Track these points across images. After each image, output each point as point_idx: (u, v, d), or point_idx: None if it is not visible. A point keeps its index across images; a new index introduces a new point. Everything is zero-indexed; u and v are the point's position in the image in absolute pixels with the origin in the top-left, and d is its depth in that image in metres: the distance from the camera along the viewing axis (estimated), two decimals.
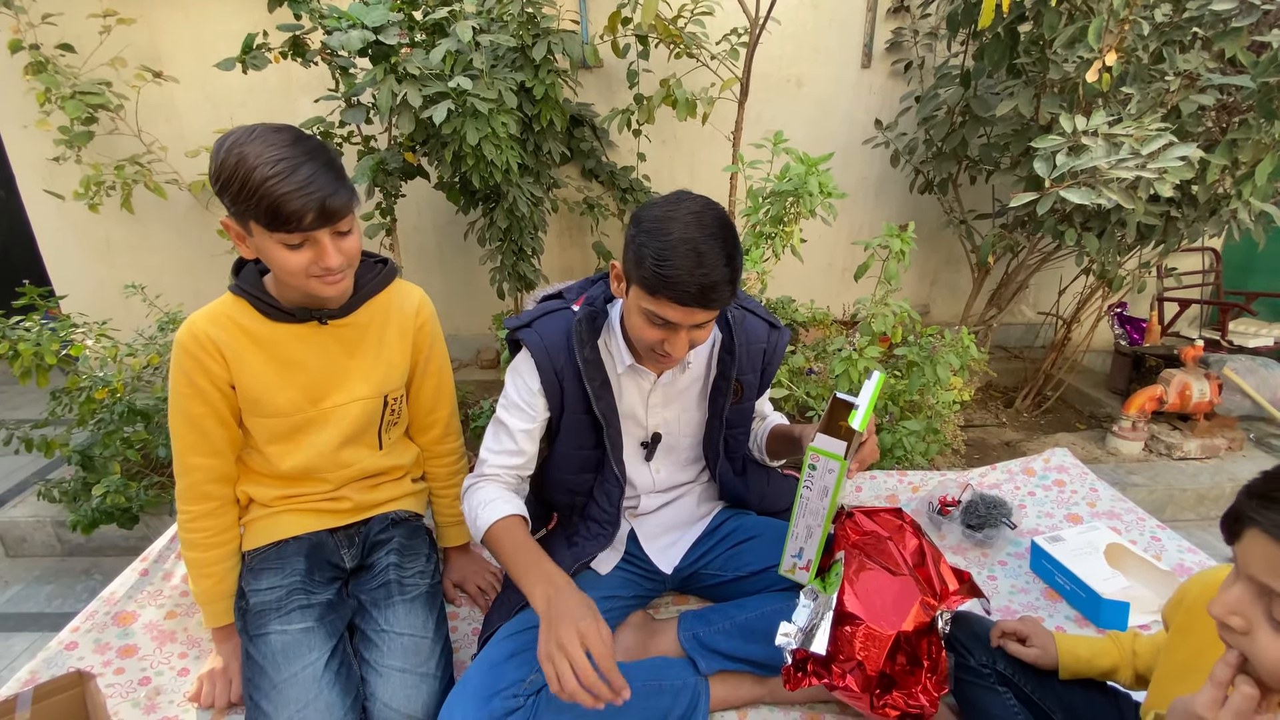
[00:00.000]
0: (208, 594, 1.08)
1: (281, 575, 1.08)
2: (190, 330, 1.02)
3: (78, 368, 2.13)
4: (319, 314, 1.07)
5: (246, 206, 0.89)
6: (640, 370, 1.13)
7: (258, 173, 0.87)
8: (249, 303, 1.04)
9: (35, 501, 2.32)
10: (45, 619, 2.02)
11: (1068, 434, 2.68)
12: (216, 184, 0.92)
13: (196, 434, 1.05)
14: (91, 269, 2.96)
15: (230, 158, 0.89)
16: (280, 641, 0.99)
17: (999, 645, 1.01)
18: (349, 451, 1.16)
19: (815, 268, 3.20)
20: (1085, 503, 1.52)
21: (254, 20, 2.49)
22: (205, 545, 1.07)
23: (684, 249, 0.90)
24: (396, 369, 1.17)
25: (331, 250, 0.95)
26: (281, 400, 1.07)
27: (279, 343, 1.06)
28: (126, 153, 2.63)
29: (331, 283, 0.99)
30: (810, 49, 2.88)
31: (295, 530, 1.14)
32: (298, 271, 0.95)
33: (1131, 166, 1.69)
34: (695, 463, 1.27)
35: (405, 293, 1.19)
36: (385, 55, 1.84)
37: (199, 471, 1.06)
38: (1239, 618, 0.57)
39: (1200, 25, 1.95)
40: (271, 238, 0.92)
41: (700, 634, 1.14)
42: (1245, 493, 0.58)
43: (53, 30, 2.47)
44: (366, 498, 1.20)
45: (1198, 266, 3.11)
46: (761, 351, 1.21)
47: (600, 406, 1.10)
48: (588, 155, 2.78)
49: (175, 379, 1.03)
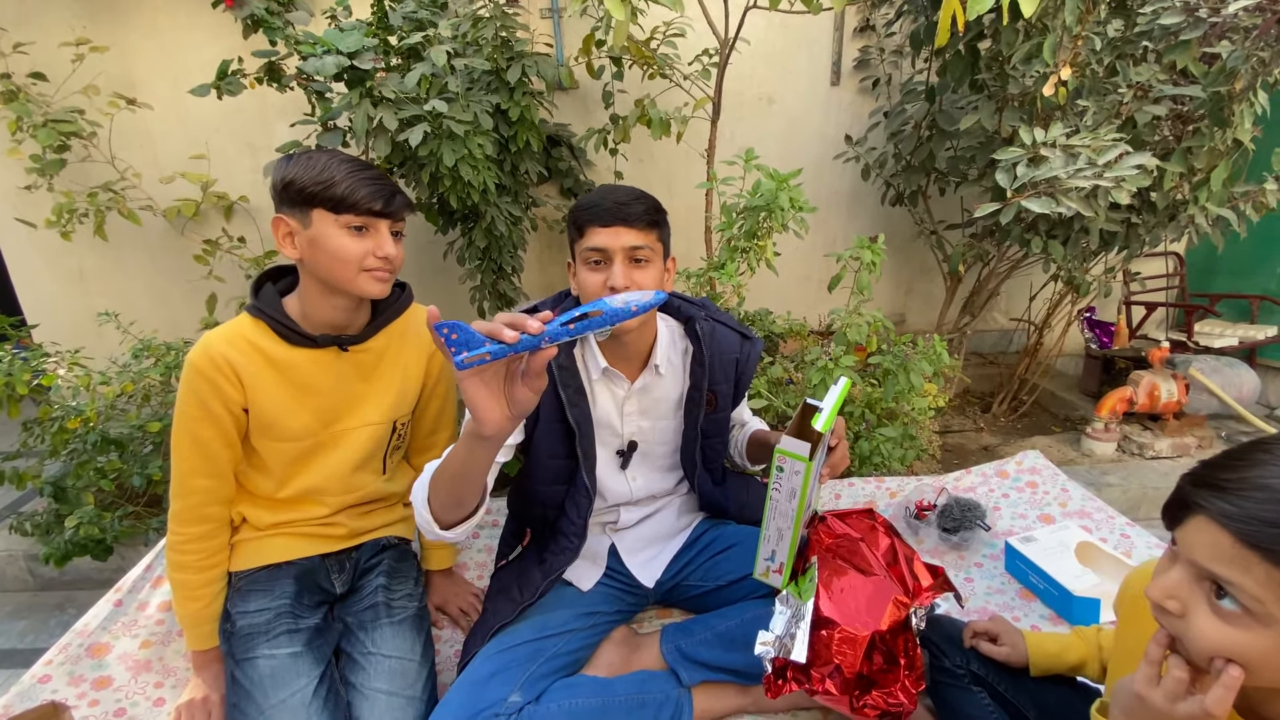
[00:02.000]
0: (195, 617, 1.06)
1: (270, 598, 1.07)
2: (206, 352, 1.01)
3: (50, 398, 2.10)
4: (340, 340, 1.07)
5: (318, 192, 0.96)
6: (614, 377, 1.15)
7: (334, 166, 0.97)
8: (268, 325, 1.04)
9: (7, 535, 2.27)
10: (18, 655, 1.97)
11: (1043, 437, 2.73)
12: (285, 189, 0.98)
13: (201, 456, 1.03)
14: (64, 297, 2.92)
15: (300, 164, 0.98)
16: (268, 666, 0.98)
17: (971, 645, 1.03)
18: (356, 476, 1.16)
19: (791, 280, 3.24)
20: (1057, 503, 1.56)
21: (228, 46, 2.49)
22: (197, 568, 1.06)
23: (600, 190, 1.07)
24: (408, 396, 1.18)
25: (389, 238, 1.01)
26: (295, 425, 1.07)
27: (296, 367, 1.06)
28: (99, 179, 2.61)
29: (381, 278, 1.03)
30: (780, 68, 2.95)
31: (287, 555, 1.13)
32: (354, 260, 0.99)
33: (1089, 175, 1.75)
34: (672, 471, 1.29)
35: (421, 318, 1.19)
36: (360, 80, 1.85)
37: (200, 494, 1.05)
38: (1175, 601, 0.59)
39: (1150, 39, 2.03)
40: (337, 221, 0.98)
41: (682, 645, 1.14)
42: (1189, 480, 0.59)
43: (24, 59, 2.46)
44: (359, 524, 1.20)
45: (1162, 270, 3.20)
46: (734, 361, 1.23)
47: (574, 414, 1.11)
48: (566, 174, 2.81)
49: (185, 400, 1.01)
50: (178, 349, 2.16)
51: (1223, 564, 0.55)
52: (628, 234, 1.03)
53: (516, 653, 1.05)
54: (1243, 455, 0.57)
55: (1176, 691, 0.58)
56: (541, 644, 1.08)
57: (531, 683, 1.02)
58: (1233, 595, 0.55)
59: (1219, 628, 0.56)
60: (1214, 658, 0.56)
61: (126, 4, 2.63)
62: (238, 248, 2.69)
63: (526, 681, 1.01)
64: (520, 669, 1.03)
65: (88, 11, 2.61)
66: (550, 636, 1.10)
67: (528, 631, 1.09)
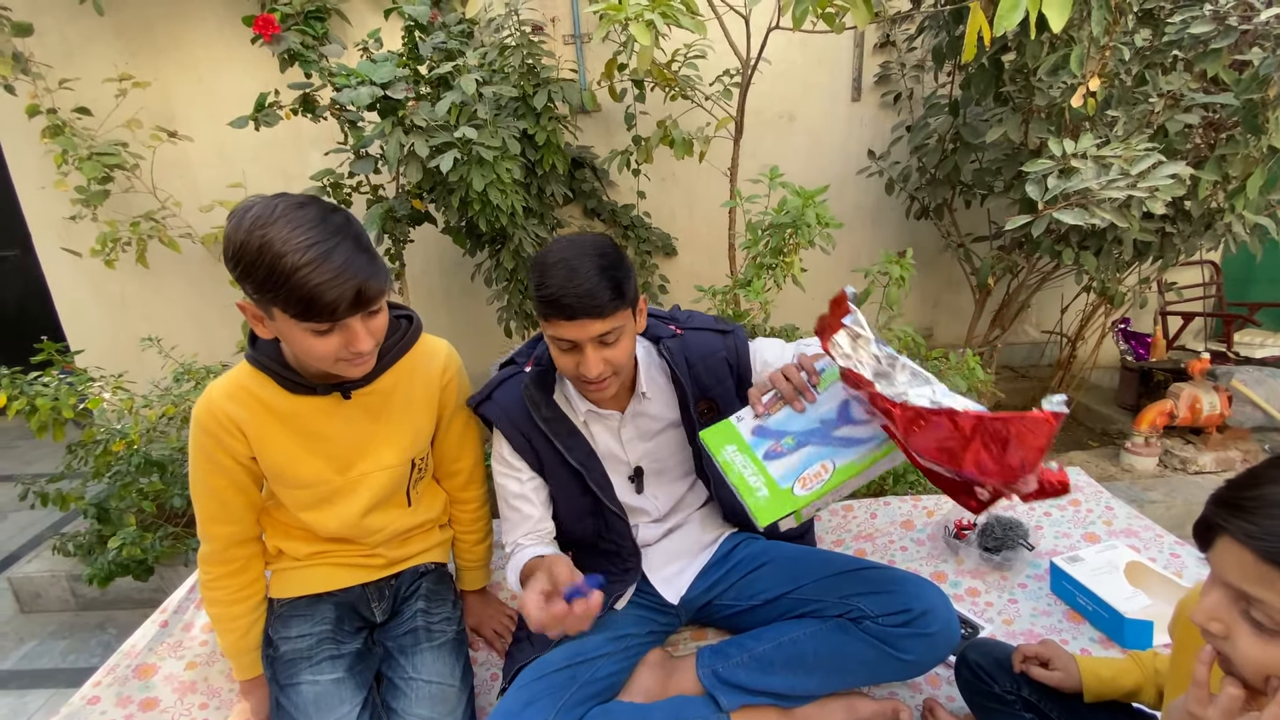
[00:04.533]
0: (234, 647, 1.08)
1: (311, 623, 1.08)
2: (209, 408, 0.98)
3: (94, 420, 2.16)
4: (342, 386, 1.02)
5: (274, 295, 0.82)
6: (602, 412, 1.15)
7: (287, 260, 0.80)
8: (268, 375, 0.99)
9: (50, 556, 2.33)
10: (60, 675, 2.01)
11: (1080, 452, 2.67)
12: (236, 268, 0.84)
13: (216, 504, 1.03)
14: (106, 323, 3.01)
15: (253, 240, 0.81)
16: (312, 692, 0.98)
17: (1022, 670, 1.00)
18: (377, 516, 1.13)
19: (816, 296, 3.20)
20: (1101, 521, 1.51)
21: (264, 79, 2.58)
22: (229, 602, 1.07)
23: (558, 268, 0.96)
24: (423, 433, 1.14)
25: (362, 334, 0.89)
26: (306, 472, 1.04)
27: (301, 416, 1.02)
28: (141, 209, 2.71)
29: (360, 364, 0.94)
30: (801, 85, 2.96)
31: (328, 585, 1.13)
32: (325, 358, 0.90)
33: (1122, 186, 1.73)
34: (687, 477, 1.27)
35: (430, 350, 1.14)
36: (393, 109, 1.91)
37: (220, 540, 1.06)
38: (1218, 623, 0.59)
39: (1180, 48, 2.01)
40: (299, 326, 0.85)
41: (719, 669, 1.12)
42: (1213, 501, 0.60)
43: (69, 95, 2.57)
44: (398, 552, 1.19)
45: (1198, 279, 3.13)
46: (723, 361, 1.19)
47: (575, 456, 1.12)
48: (589, 195, 2.85)
49: (193, 453, 1.01)
50: (217, 372, 2.22)
51: (1250, 582, 0.55)
52: (595, 325, 0.97)
53: (552, 680, 1.04)
54: (1263, 473, 0.58)
55: (1232, 709, 0.58)
56: (576, 670, 1.07)
57: (567, 710, 1.01)
58: (1264, 612, 0.55)
59: (1261, 646, 0.56)
60: (1269, 676, 0.56)
61: (166, 41, 2.74)
62: None
63: (562, 709, 1.00)
64: (555, 697, 1.02)
65: (130, 49, 2.73)
66: (584, 662, 1.08)
67: (561, 658, 1.08)
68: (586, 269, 0.96)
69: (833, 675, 1.07)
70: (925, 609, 1.02)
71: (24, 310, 3.91)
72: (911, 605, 1.03)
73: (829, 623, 1.08)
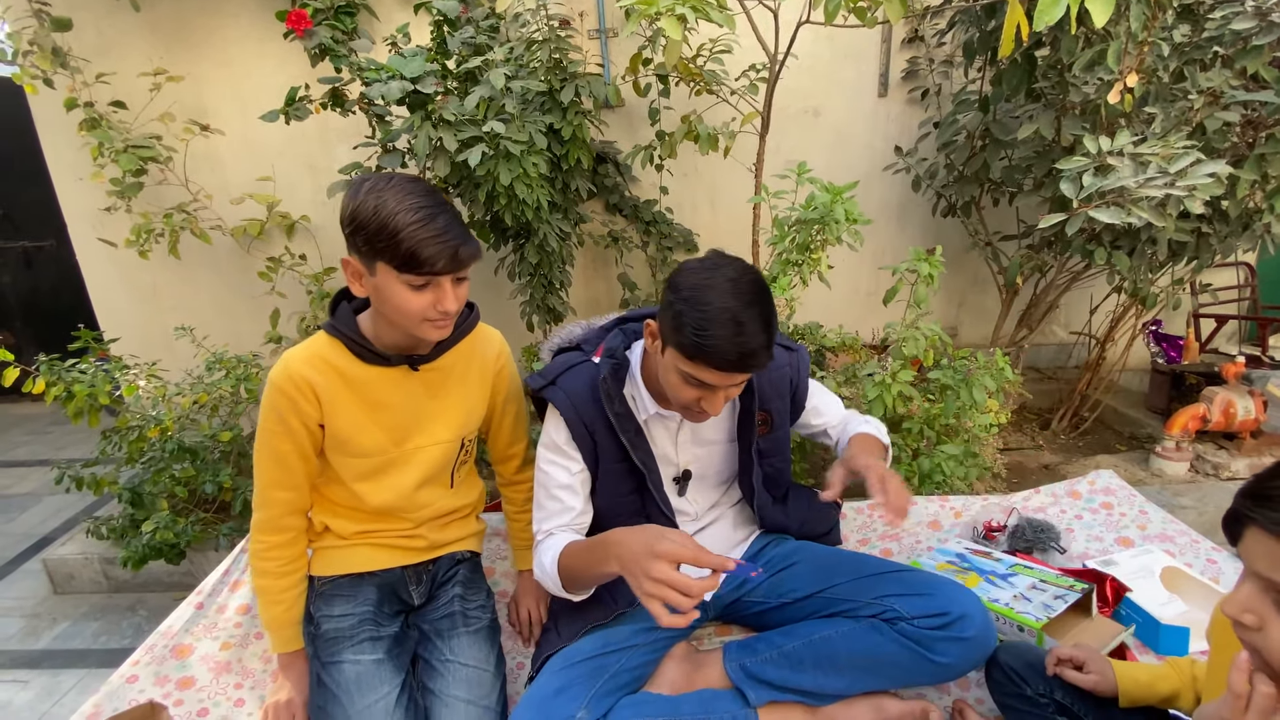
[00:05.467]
0: (277, 620, 1.10)
1: (353, 604, 1.11)
2: (286, 372, 1.04)
3: (129, 407, 2.21)
4: (412, 359, 1.09)
5: (382, 247, 0.93)
6: (665, 414, 1.15)
7: (400, 218, 0.91)
8: (343, 344, 1.06)
9: (83, 539, 2.38)
10: (92, 655, 2.06)
11: (1108, 456, 2.62)
12: (350, 224, 0.95)
13: (281, 469, 1.07)
14: (138, 312, 3.07)
15: (369, 200, 0.93)
16: (354, 671, 1.01)
17: (1056, 673, 0.99)
18: (426, 492, 1.18)
19: (840, 293, 3.19)
20: (1135, 525, 1.49)
21: (293, 74, 2.61)
22: (277, 574, 1.10)
23: (723, 318, 0.92)
24: (475, 413, 1.20)
25: (451, 295, 0.98)
26: (368, 441, 1.09)
27: (369, 385, 1.08)
28: (173, 201, 2.75)
29: (442, 326, 1.02)
30: (827, 81, 2.94)
31: (371, 565, 1.16)
32: (415, 314, 0.98)
33: (1160, 185, 1.69)
34: (725, 483, 1.28)
35: (486, 338, 1.21)
36: (422, 103, 1.92)
37: (279, 505, 1.09)
38: (1251, 614, 0.59)
39: (1220, 44, 1.96)
40: (399, 279, 0.95)
41: (747, 664, 1.13)
42: (1241, 493, 0.62)
43: (106, 89, 2.62)
44: (438, 536, 1.23)
45: (1232, 281, 3.06)
46: (786, 377, 1.22)
47: (639, 455, 1.12)
48: (611, 190, 2.84)
49: (266, 416, 1.05)
50: (247, 362, 2.25)
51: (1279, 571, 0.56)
52: (743, 377, 0.98)
53: (581, 669, 1.05)
54: None
55: (1266, 708, 0.58)
56: (605, 660, 1.08)
57: (597, 700, 1.02)
58: None
59: None
60: None
61: (200, 36, 2.79)
62: (299, 265, 2.80)
63: (593, 699, 1.01)
64: (585, 685, 1.03)
65: (164, 43, 2.77)
66: (613, 652, 1.10)
67: (590, 647, 1.09)
68: (754, 326, 0.93)
69: (863, 675, 1.07)
70: (963, 613, 1.02)
71: (58, 299, 4.02)
72: (949, 608, 1.02)
73: (862, 623, 1.08)
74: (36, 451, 3.59)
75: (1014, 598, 1.21)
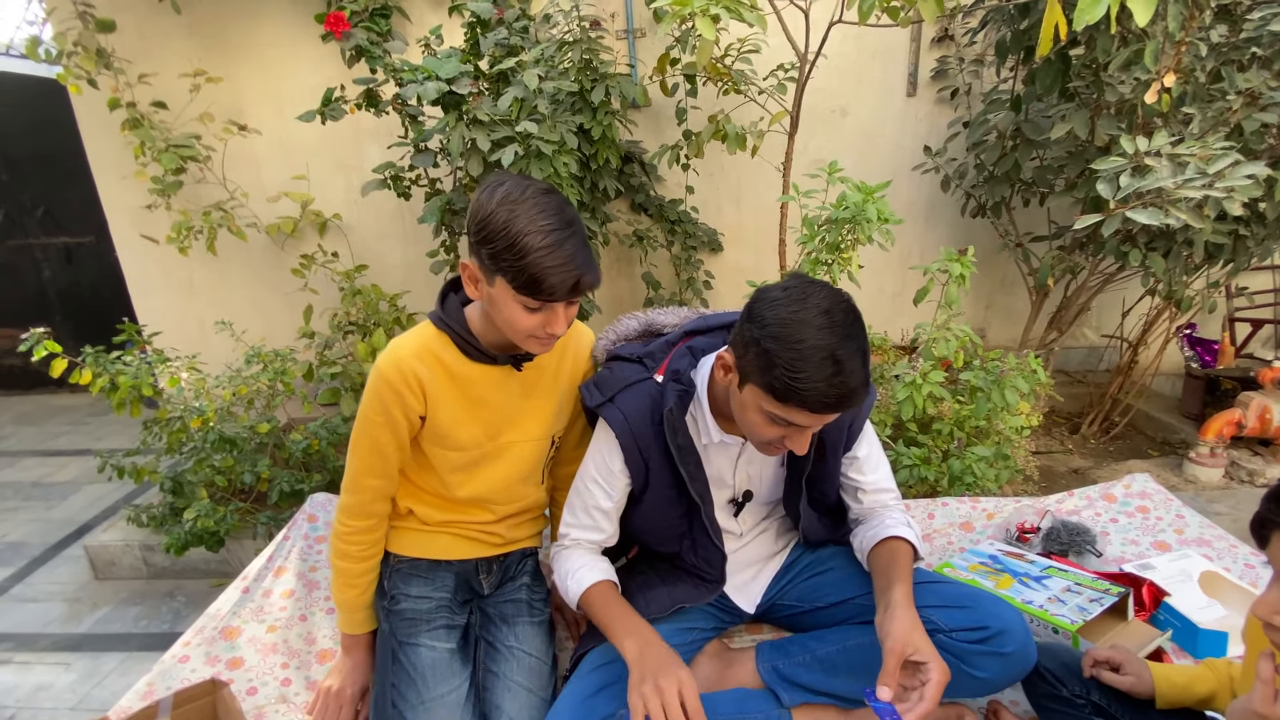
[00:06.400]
0: (352, 603, 1.13)
1: (432, 587, 1.14)
2: (395, 363, 1.02)
3: (170, 398, 2.28)
4: (516, 359, 1.09)
5: (505, 265, 0.90)
6: (728, 440, 1.11)
7: (529, 240, 0.88)
8: (451, 339, 1.06)
9: (124, 526, 2.46)
10: (133, 639, 2.12)
11: (1140, 461, 2.59)
12: (478, 233, 0.92)
13: (377, 458, 1.07)
14: (175, 307, 3.16)
15: (500, 213, 0.90)
16: (430, 657, 1.04)
17: (1092, 675, 0.99)
18: (519, 487, 1.19)
19: (867, 293, 3.17)
20: (1172, 529, 1.47)
21: (328, 75, 2.67)
22: (358, 557, 1.12)
23: (819, 357, 0.84)
24: (565, 412, 1.20)
25: (562, 319, 0.97)
26: (465, 436, 1.10)
27: (473, 382, 1.08)
28: (211, 199, 2.83)
29: (547, 345, 1.01)
30: (855, 80, 2.93)
31: (449, 554, 1.18)
32: (523, 331, 0.97)
33: (1199, 186, 1.67)
34: (772, 503, 1.27)
35: (580, 336, 1.20)
36: (456, 104, 1.95)
37: (369, 492, 1.10)
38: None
39: (1259, 45, 1.93)
40: (516, 297, 0.93)
41: (780, 666, 1.13)
42: (1267, 498, 0.63)
43: (147, 89, 2.69)
44: (513, 533, 1.24)
45: (1269, 285, 3.00)
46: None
47: (695, 487, 1.08)
48: (637, 190, 2.86)
49: (370, 405, 1.04)
50: (285, 355, 2.31)
51: None
52: (834, 416, 0.91)
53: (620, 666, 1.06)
54: None
55: None
56: None
57: None
58: None
59: None
60: None
61: (238, 38, 2.85)
62: (330, 262, 2.85)
63: None
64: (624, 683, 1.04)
65: (204, 45, 2.84)
66: None
67: None
68: (853, 364, 0.85)
69: None
70: (1003, 628, 0.98)
71: (98, 293, 4.13)
72: (989, 623, 0.99)
73: None
74: (75, 441, 3.70)
75: (1049, 600, 1.20)
